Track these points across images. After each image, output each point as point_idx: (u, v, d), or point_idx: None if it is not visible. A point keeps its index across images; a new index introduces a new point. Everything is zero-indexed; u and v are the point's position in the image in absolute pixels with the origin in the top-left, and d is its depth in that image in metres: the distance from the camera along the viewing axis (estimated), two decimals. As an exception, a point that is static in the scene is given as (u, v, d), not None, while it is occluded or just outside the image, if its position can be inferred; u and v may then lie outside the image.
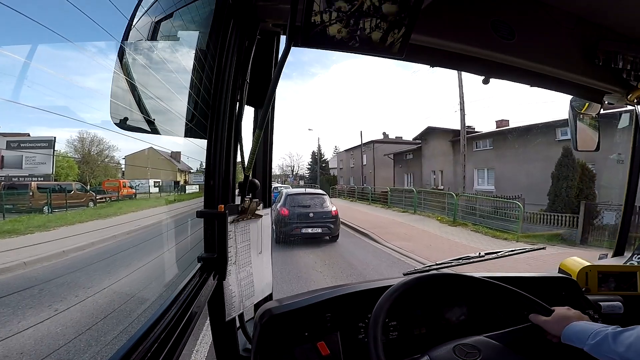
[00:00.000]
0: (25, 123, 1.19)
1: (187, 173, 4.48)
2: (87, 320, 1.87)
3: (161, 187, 3.66)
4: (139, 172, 3.23)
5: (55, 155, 1.48)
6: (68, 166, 2.32)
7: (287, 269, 5.57)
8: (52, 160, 1.39)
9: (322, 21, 0.61)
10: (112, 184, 2.97)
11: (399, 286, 0.84)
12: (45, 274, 1.70)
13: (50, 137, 1.34)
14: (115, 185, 3.00)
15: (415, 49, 0.94)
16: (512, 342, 0.81)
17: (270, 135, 1.18)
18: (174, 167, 4.17)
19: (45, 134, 1.28)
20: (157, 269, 1.95)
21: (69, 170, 2.34)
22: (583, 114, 1.44)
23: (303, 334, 0.93)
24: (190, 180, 4.50)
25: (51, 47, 0.64)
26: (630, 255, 1.44)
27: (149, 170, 3.37)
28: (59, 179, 2.04)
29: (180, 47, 0.97)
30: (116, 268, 2.25)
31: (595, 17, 1.07)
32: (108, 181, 2.93)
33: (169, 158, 4.08)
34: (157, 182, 3.55)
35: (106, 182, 2.91)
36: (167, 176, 4.03)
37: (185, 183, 4.55)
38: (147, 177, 3.37)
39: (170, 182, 4.14)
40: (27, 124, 1.19)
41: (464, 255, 1.34)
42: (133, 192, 3.11)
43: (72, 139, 2.40)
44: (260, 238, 1.01)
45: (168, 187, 4.01)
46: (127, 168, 3.21)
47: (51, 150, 1.37)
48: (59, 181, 2.01)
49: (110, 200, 2.88)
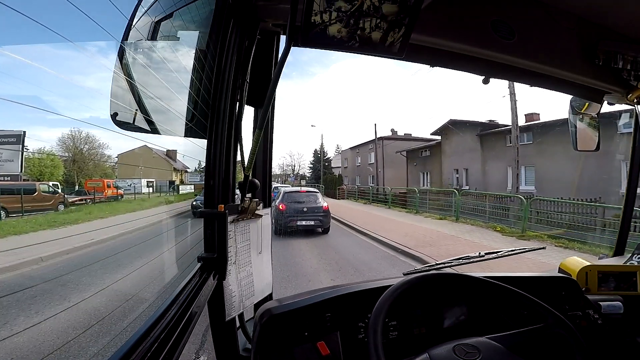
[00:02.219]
0: (25, 123, 1.17)
1: (183, 172, 4.29)
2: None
3: (155, 187, 3.44)
4: (132, 172, 3.06)
5: (26, 152, 1.31)
6: (53, 165, 2.18)
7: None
8: (19, 158, 1.23)
9: (322, 21, 0.61)
10: (95, 184, 2.78)
11: (399, 286, 0.84)
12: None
13: (19, 131, 1.16)
14: (98, 186, 2.79)
15: (415, 48, 0.94)
16: (513, 344, 0.80)
17: (270, 135, 1.18)
18: (169, 166, 4.00)
19: (46, 133, 1.21)
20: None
21: (53, 169, 2.20)
22: (583, 114, 1.44)
23: (303, 333, 0.93)
24: (186, 180, 4.33)
25: (51, 47, 0.64)
26: (630, 255, 1.44)
27: (141, 170, 3.20)
28: (43, 179, 1.92)
29: (180, 47, 0.97)
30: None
31: (595, 17, 1.07)
32: (90, 181, 2.75)
33: (165, 157, 3.92)
34: (150, 182, 3.37)
35: (88, 181, 2.73)
36: (162, 176, 3.82)
37: (181, 182, 4.34)
38: (139, 177, 3.19)
39: (165, 182, 3.94)
40: (27, 123, 1.18)
41: (463, 255, 1.34)
42: (119, 192, 2.92)
43: (63, 136, 2.26)
44: (260, 238, 1.01)
45: (162, 187, 3.78)
46: (119, 167, 3.10)
47: (19, 145, 1.20)
48: (41, 180, 1.88)
49: (90, 202, 2.57)
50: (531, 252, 1.48)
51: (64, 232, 2.03)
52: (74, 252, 1.92)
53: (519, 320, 1.00)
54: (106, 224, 2.34)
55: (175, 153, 3.52)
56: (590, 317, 1.15)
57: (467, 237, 8.11)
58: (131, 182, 3.10)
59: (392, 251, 6.93)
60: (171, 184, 4.17)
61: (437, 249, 6.65)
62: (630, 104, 1.31)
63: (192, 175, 3.95)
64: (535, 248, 1.55)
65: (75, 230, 2.09)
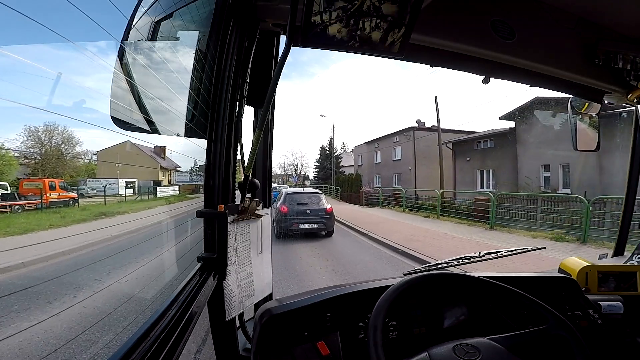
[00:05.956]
0: (25, 122, 1.17)
1: (172, 172, 3.71)
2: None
3: (136, 188, 2.95)
4: (113, 171, 2.66)
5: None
6: (3, 163, 1.81)
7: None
8: None
9: (322, 21, 0.61)
10: (33, 185, 2.04)
11: (399, 285, 0.84)
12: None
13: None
14: (37, 187, 2.04)
15: (415, 49, 0.94)
16: (513, 345, 0.80)
17: (270, 135, 1.18)
18: (155, 165, 3.47)
19: (45, 133, 1.12)
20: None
21: (3, 167, 1.82)
22: (583, 114, 1.44)
23: (303, 333, 0.93)
24: (174, 180, 3.70)
25: (51, 47, 0.64)
26: (630, 255, 1.44)
27: (119, 168, 2.71)
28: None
29: (180, 47, 0.97)
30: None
31: (595, 17, 1.07)
32: (27, 181, 2.05)
33: (151, 154, 3.46)
34: (130, 182, 2.81)
35: (25, 181, 2.06)
36: (146, 175, 3.30)
37: (169, 183, 3.73)
38: (117, 177, 2.70)
39: (149, 182, 3.34)
40: (26, 123, 1.18)
41: (463, 255, 1.34)
42: (71, 195, 2.30)
43: (37, 130, 1.79)
44: (260, 238, 1.02)
45: (146, 188, 3.22)
46: (98, 165, 2.62)
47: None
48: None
49: (20, 210, 1.91)
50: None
51: None
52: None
53: (519, 321, 1.00)
54: (26, 241, 1.63)
55: (164, 150, 3.00)
56: (590, 317, 1.15)
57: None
58: (106, 183, 2.62)
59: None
60: (156, 184, 3.55)
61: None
62: (630, 104, 1.31)
63: (180, 175, 3.38)
64: (535, 248, 1.56)
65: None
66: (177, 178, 3.57)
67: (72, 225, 2.03)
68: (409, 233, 8.79)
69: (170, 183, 3.71)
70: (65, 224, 2.00)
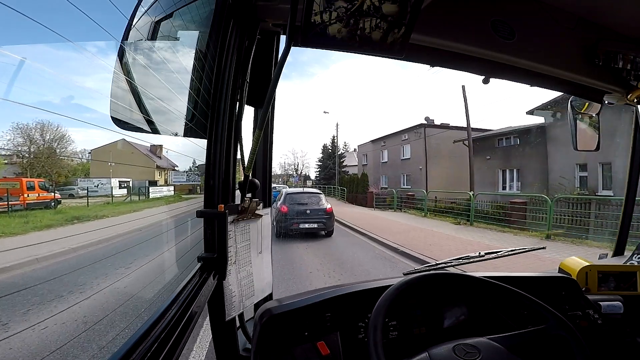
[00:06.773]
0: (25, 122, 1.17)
1: (168, 171, 3.59)
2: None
3: (130, 188, 2.88)
4: (107, 170, 2.59)
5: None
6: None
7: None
8: None
9: (322, 21, 0.61)
10: (8, 185, 1.82)
11: (399, 285, 0.84)
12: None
13: None
14: (14, 187, 1.83)
15: (415, 48, 0.94)
16: (514, 345, 0.80)
17: (270, 135, 1.18)
18: (151, 164, 3.35)
19: (36, 131, 1.03)
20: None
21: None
22: (583, 114, 1.44)
23: (303, 333, 0.93)
24: (170, 180, 3.58)
25: (51, 47, 0.64)
26: (630, 255, 1.44)
27: (112, 167, 2.65)
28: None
29: (180, 47, 0.97)
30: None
31: (595, 17, 1.07)
32: (2, 180, 1.82)
33: (147, 152, 3.35)
34: (123, 182, 2.72)
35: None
36: (142, 174, 3.18)
37: (165, 183, 3.60)
38: (109, 176, 2.63)
39: (145, 182, 3.21)
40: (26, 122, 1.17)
41: (464, 255, 1.34)
42: (53, 196, 2.11)
43: (27, 126, 1.57)
44: (260, 238, 1.02)
45: (141, 188, 3.11)
46: (92, 164, 2.55)
47: None
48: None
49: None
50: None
51: None
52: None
53: (520, 321, 1.00)
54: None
55: (160, 149, 2.89)
56: (590, 317, 1.15)
57: None
58: (98, 182, 2.51)
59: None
60: (152, 184, 3.39)
61: None
62: (630, 104, 1.31)
63: (177, 175, 3.26)
64: (536, 248, 1.56)
65: None
66: (174, 178, 3.48)
67: (30, 233, 1.73)
68: (456, 248, 6.86)
69: (166, 183, 3.60)
70: (23, 231, 1.71)
